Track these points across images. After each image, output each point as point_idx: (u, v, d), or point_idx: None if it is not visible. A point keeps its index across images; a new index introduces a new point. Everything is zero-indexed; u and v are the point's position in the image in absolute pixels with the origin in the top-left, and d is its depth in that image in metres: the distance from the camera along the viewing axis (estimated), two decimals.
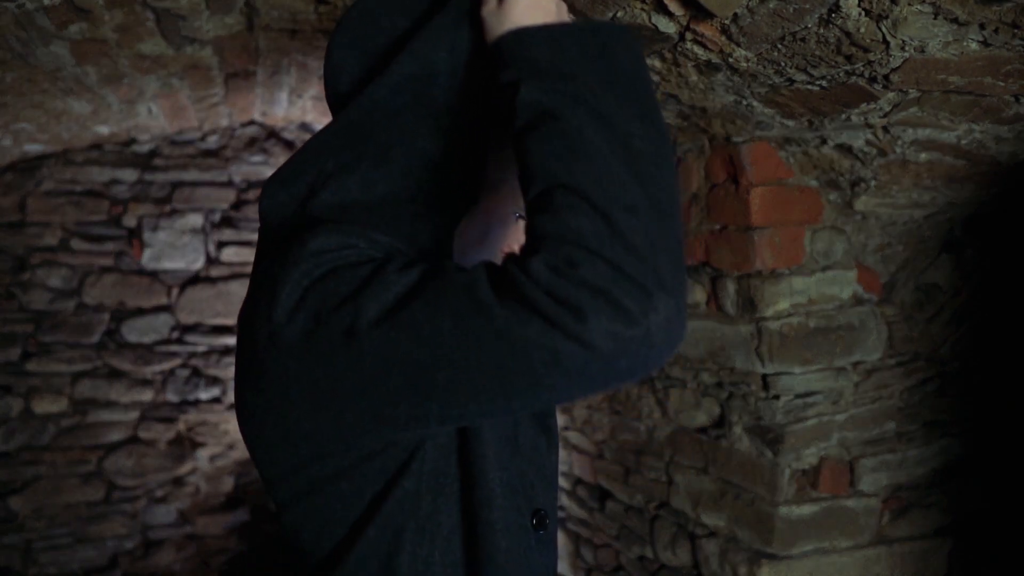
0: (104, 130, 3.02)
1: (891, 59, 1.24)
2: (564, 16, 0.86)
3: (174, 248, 3.43)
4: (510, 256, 0.72)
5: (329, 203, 0.86)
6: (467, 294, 0.69)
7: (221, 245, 3.50)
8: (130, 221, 3.39)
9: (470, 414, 0.75)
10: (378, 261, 0.78)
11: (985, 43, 1.16)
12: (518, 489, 0.91)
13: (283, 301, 0.78)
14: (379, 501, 0.85)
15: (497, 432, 0.90)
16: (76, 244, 3.32)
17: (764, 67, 1.41)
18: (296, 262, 0.79)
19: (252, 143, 3.55)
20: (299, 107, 3.16)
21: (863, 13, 1.13)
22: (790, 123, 1.66)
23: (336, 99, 0.95)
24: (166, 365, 3.43)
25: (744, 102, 1.62)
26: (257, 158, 3.55)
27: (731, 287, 1.94)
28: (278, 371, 0.79)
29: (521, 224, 1.01)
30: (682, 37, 1.37)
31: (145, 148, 3.41)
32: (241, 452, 3.53)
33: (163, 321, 3.43)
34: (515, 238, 1.01)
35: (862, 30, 1.17)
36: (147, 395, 3.41)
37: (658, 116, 0.77)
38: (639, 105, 0.76)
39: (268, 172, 3.56)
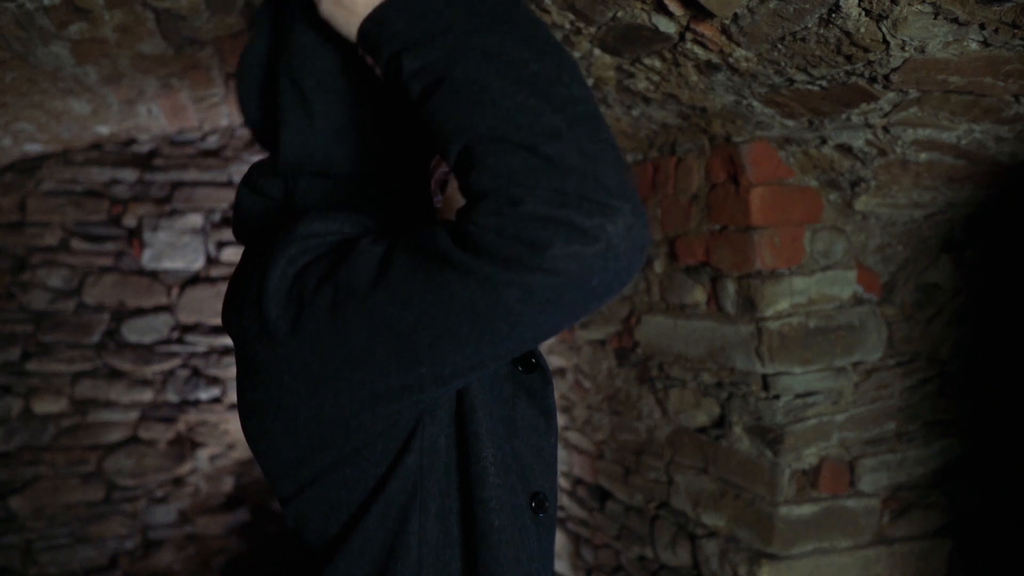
0: (104, 130, 3.02)
1: (891, 59, 1.24)
2: None
3: (174, 248, 3.43)
4: (458, 211, 0.70)
5: (312, 200, 0.88)
6: (432, 250, 0.69)
7: (221, 245, 3.50)
8: (130, 221, 3.39)
9: (461, 369, 0.75)
10: (354, 239, 0.78)
11: (985, 43, 1.16)
12: (512, 468, 0.91)
13: (271, 292, 0.78)
14: (383, 482, 0.85)
15: (493, 411, 0.90)
16: (76, 244, 3.32)
17: (764, 67, 1.41)
18: (283, 246, 0.79)
19: (252, 143, 3.55)
20: None
21: (863, 13, 1.13)
22: (790, 123, 1.66)
23: (256, 134, 0.96)
24: (166, 365, 3.43)
25: (744, 102, 1.62)
26: (257, 158, 3.54)
27: (731, 287, 1.94)
28: (272, 362, 0.79)
29: None
30: (682, 37, 1.37)
31: (145, 148, 3.41)
32: (241, 452, 3.53)
33: (163, 321, 3.43)
34: None
35: (862, 30, 1.17)
36: (147, 395, 3.41)
37: (542, 31, 0.75)
38: (519, 29, 0.74)
39: None
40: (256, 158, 3.53)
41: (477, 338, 0.70)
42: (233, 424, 3.49)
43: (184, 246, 3.44)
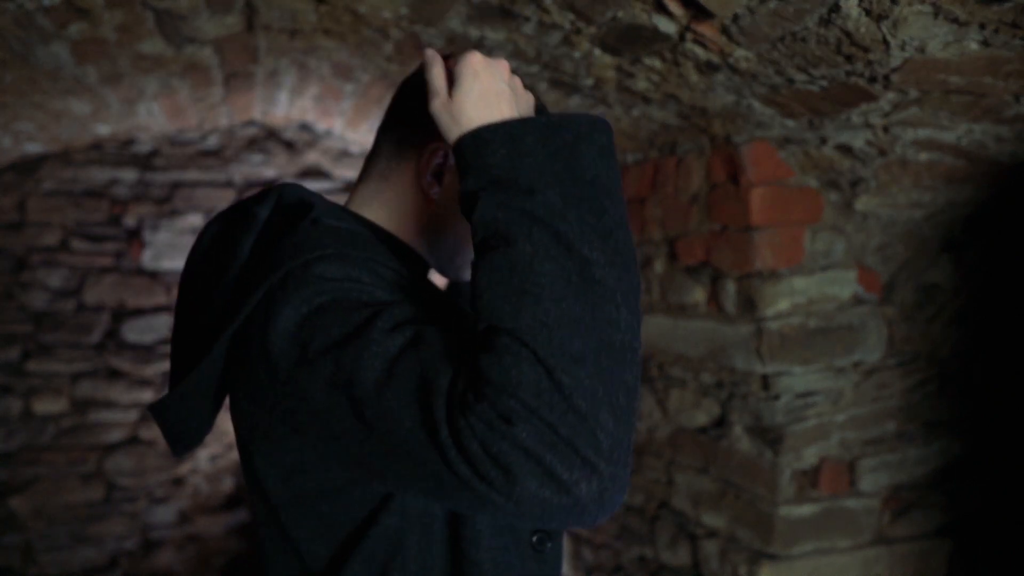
0: (104, 130, 3.02)
1: (891, 59, 1.24)
2: (520, 95, 0.83)
3: (174, 248, 3.43)
4: (470, 369, 0.69)
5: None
6: (428, 404, 0.69)
7: None
8: (130, 221, 3.39)
9: (423, 499, 0.77)
10: (372, 309, 0.77)
11: (985, 43, 1.16)
12: (504, 528, 0.90)
13: (280, 324, 0.78)
14: (362, 531, 0.85)
15: None
16: (76, 244, 3.32)
17: (764, 67, 1.41)
18: (297, 285, 0.79)
19: (252, 143, 3.55)
20: (299, 107, 3.16)
21: (863, 13, 1.13)
22: (790, 123, 1.66)
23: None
24: (166, 365, 3.42)
25: (744, 102, 1.62)
26: (257, 158, 3.55)
27: (731, 287, 1.94)
28: (267, 388, 0.80)
29: None
30: (682, 37, 1.37)
31: (145, 148, 3.41)
32: None
33: (163, 321, 3.43)
34: None
35: (862, 30, 1.17)
36: (147, 395, 3.41)
37: (623, 229, 0.74)
38: (604, 217, 0.73)
39: (268, 172, 3.57)
40: (256, 159, 3.54)
41: (440, 497, 0.72)
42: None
43: (184, 246, 3.44)
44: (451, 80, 0.81)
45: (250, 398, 0.83)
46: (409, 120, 0.98)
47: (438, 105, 0.81)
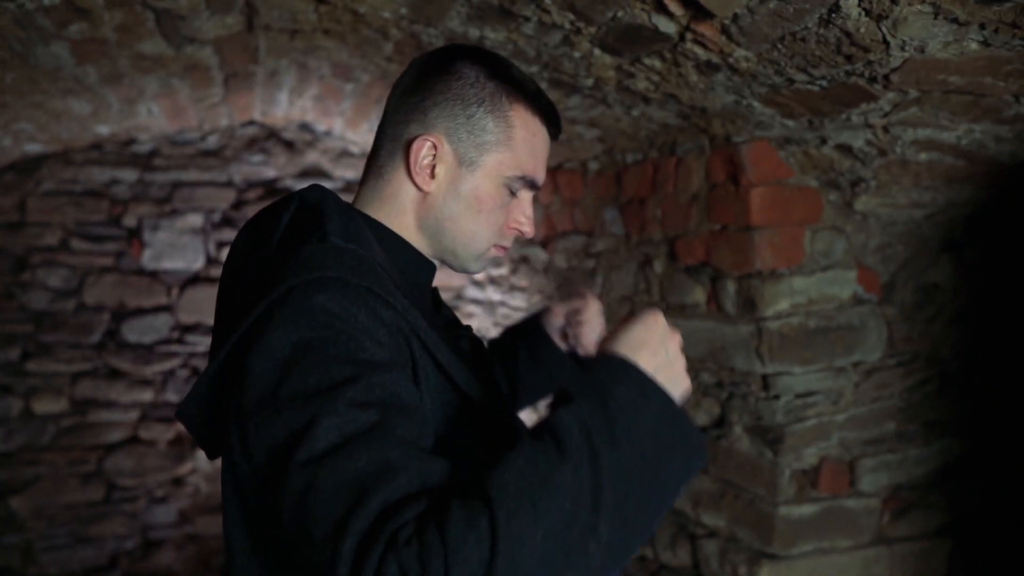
0: (104, 130, 3.02)
1: (891, 59, 1.24)
2: (674, 370, 0.85)
3: (174, 248, 3.43)
4: (417, 499, 0.68)
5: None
6: (352, 505, 0.68)
7: (221, 245, 3.50)
8: (130, 221, 3.39)
9: None
10: (353, 370, 0.76)
11: (985, 43, 1.16)
12: None
13: (268, 345, 0.79)
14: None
15: None
16: (76, 244, 3.32)
17: (764, 67, 1.41)
18: (294, 310, 0.80)
19: (252, 143, 3.55)
20: (299, 107, 3.16)
21: (863, 13, 1.13)
22: (790, 123, 1.66)
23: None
24: (166, 365, 3.43)
25: (744, 102, 1.62)
26: (257, 158, 3.55)
27: (731, 287, 1.94)
28: (236, 396, 0.81)
29: (522, 197, 1.04)
30: (682, 37, 1.37)
31: (145, 148, 3.41)
32: None
33: (163, 321, 3.43)
34: (517, 211, 1.04)
35: (862, 30, 1.17)
36: (147, 395, 3.41)
37: (643, 537, 0.75)
38: (642, 516, 0.74)
39: (268, 172, 3.57)
40: (256, 159, 3.54)
41: None
42: None
43: (184, 246, 3.44)
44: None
45: (231, 394, 0.85)
46: (400, 117, 1.01)
47: (612, 331, 0.87)
